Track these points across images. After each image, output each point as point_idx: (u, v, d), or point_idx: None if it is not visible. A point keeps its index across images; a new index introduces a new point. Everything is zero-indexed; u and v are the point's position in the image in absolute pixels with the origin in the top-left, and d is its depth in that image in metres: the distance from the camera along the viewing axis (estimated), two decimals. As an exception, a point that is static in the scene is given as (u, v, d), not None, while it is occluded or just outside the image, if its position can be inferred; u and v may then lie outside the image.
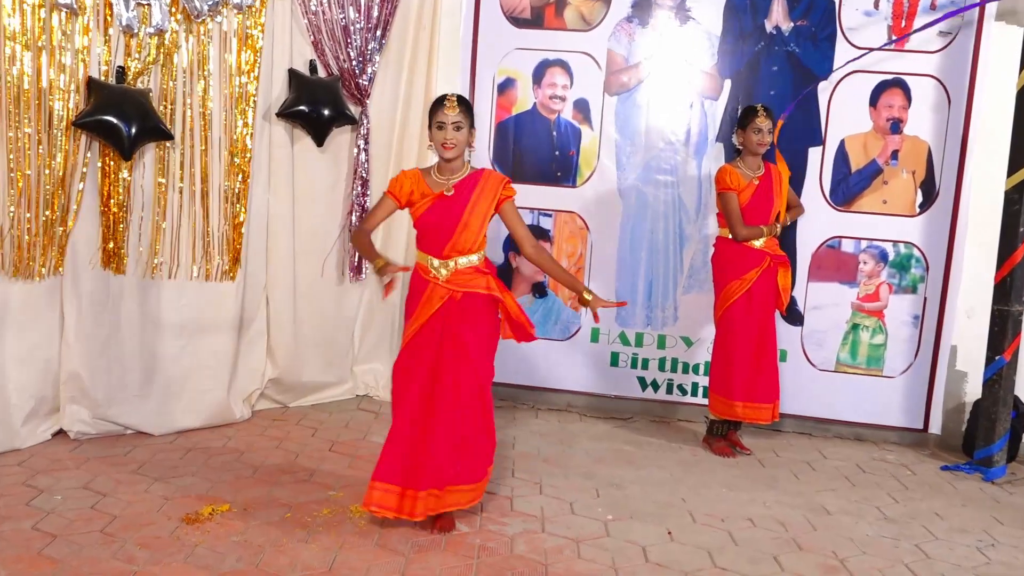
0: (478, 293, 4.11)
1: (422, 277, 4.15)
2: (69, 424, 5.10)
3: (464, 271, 4.11)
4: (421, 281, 4.15)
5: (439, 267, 4.11)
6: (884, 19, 5.80)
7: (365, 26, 5.78)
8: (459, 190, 4.10)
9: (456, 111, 4.03)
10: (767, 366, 5.54)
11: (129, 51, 4.98)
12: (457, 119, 4.03)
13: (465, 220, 4.08)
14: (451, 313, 4.09)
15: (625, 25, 6.04)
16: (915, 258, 5.93)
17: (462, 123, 4.05)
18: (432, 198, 4.10)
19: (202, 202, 5.31)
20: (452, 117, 4.03)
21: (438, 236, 4.10)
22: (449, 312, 4.08)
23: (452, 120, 4.03)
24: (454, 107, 4.03)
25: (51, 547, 3.84)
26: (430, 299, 4.09)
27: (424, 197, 4.11)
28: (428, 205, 4.10)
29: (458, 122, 4.03)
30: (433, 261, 4.11)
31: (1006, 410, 5.56)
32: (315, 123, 5.60)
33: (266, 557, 3.87)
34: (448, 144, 4.04)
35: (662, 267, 6.17)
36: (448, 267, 4.10)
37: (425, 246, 4.15)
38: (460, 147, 4.07)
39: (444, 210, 4.08)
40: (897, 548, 4.39)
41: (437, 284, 4.09)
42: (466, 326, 4.09)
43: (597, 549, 4.16)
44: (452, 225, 4.07)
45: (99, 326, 5.09)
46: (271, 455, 5.11)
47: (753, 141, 5.35)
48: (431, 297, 4.09)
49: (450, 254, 4.09)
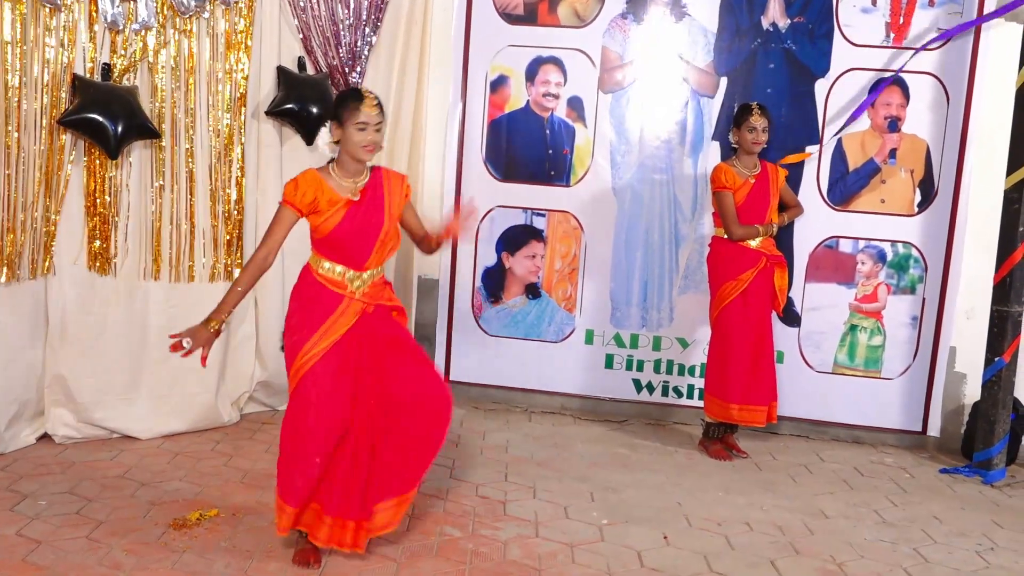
0: (384, 305, 3.84)
1: (327, 289, 3.75)
2: (54, 428, 5.05)
3: (377, 283, 3.82)
4: (326, 293, 3.75)
5: (353, 279, 3.76)
6: (882, 15, 5.76)
7: (355, 22, 5.72)
8: (367, 195, 3.77)
9: (377, 111, 3.68)
10: (764, 368, 5.49)
11: (115, 48, 4.92)
12: (379, 120, 3.69)
13: (387, 228, 3.77)
14: (366, 324, 3.78)
15: (620, 21, 5.99)
16: (914, 258, 5.88)
17: (383, 124, 3.71)
18: (343, 205, 3.71)
19: (189, 202, 5.25)
20: (375, 117, 3.67)
21: (358, 247, 3.75)
22: (364, 324, 3.78)
23: (375, 121, 3.67)
24: (375, 106, 3.67)
25: (35, 553, 3.79)
26: (344, 314, 3.73)
27: (332, 205, 3.70)
28: (342, 214, 3.71)
29: (380, 123, 3.69)
30: (348, 273, 3.75)
31: (1005, 412, 5.53)
32: (304, 121, 5.53)
33: (255, 563, 3.82)
34: (371, 147, 3.68)
35: (657, 267, 6.11)
36: (363, 280, 3.77)
37: (337, 257, 3.75)
38: (379, 149, 3.75)
39: (361, 218, 3.74)
40: (896, 552, 4.36)
41: (353, 299, 3.75)
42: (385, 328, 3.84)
43: (592, 554, 4.12)
44: (374, 234, 3.74)
45: (84, 328, 5.03)
46: (260, 459, 5.05)
47: (748, 140, 5.31)
48: (345, 312, 3.73)
49: (369, 266, 3.77)
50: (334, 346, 3.72)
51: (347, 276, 3.76)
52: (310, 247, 3.85)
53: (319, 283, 3.77)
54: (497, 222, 6.21)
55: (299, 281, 3.84)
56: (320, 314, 3.74)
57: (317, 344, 3.71)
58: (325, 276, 3.77)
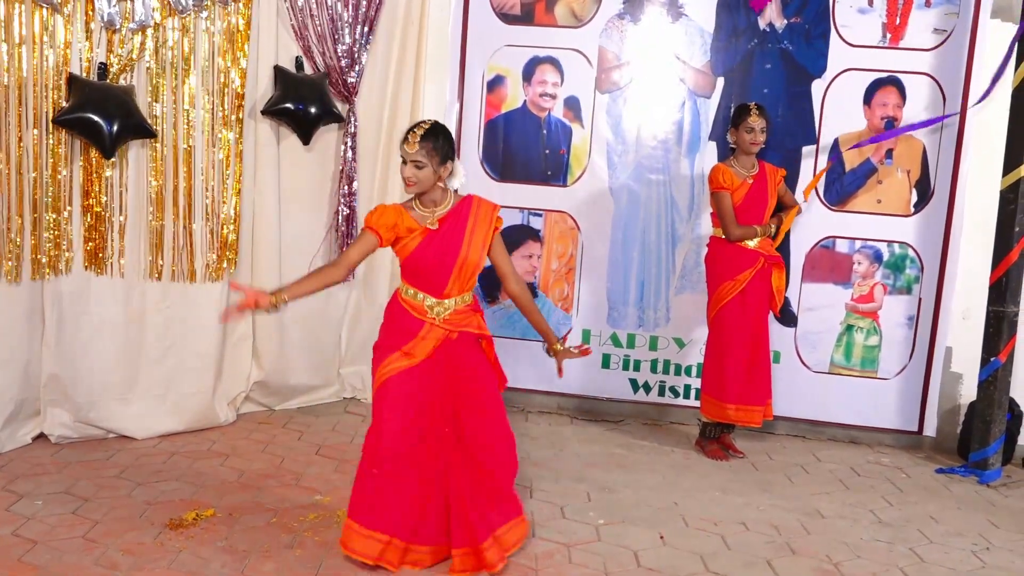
0: (471, 333, 3.86)
1: (409, 314, 3.81)
2: (50, 428, 5.04)
3: (461, 311, 3.83)
4: (409, 318, 3.80)
5: (435, 306, 3.79)
6: (878, 16, 5.75)
7: (352, 22, 5.71)
8: (446, 224, 3.77)
9: (415, 148, 3.62)
10: (760, 368, 5.49)
11: (111, 47, 4.91)
12: (417, 158, 3.63)
13: (464, 256, 3.75)
14: (449, 351, 3.81)
15: (617, 22, 5.98)
16: (910, 258, 5.88)
17: (423, 163, 3.63)
18: (420, 233, 3.74)
19: (186, 201, 5.24)
20: (411, 154, 3.63)
21: (435, 274, 3.77)
22: (446, 351, 3.81)
23: (411, 158, 3.64)
24: (413, 144, 3.62)
25: (31, 553, 3.79)
26: (425, 339, 3.78)
27: (411, 232, 3.74)
28: (418, 241, 3.74)
29: (418, 161, 3.63)
30: (428, 300, 3.79)
31: (1001, 412, 5.53)
32: (301, 121, 5.53)
33: (251, 563, 3.82)
34: (409, 181, 3.67)
35: (654, 267, 6.11)
36: (445, 307, 3.80)
37: (419, 284, 3.80)
38: (423, 185, 3.68)
39: (438, 246, 3.75)
40: (892, 552, 4.36)
41: (434, 325, 3.79)
42: (467, 358, 3.86)
43: (588, 554, 4.12)
44: (450, 262, 3.75)
45: (81, 328, 5.03)
46: (256, 459, 5.05)
47: (746, 140, 5.30)
48: (427, 337, 3.78)
49: (450, 293, 3.79)
50: (414, 367, 3.78)
51: (427, 303, 3.80)
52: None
53: (403, 307, 3.84)
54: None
55: (389, 302, 3.93)
56: (402, 336, 3.81)
57: (396, 362, 3.78)
58: (408, 301, 3.83)
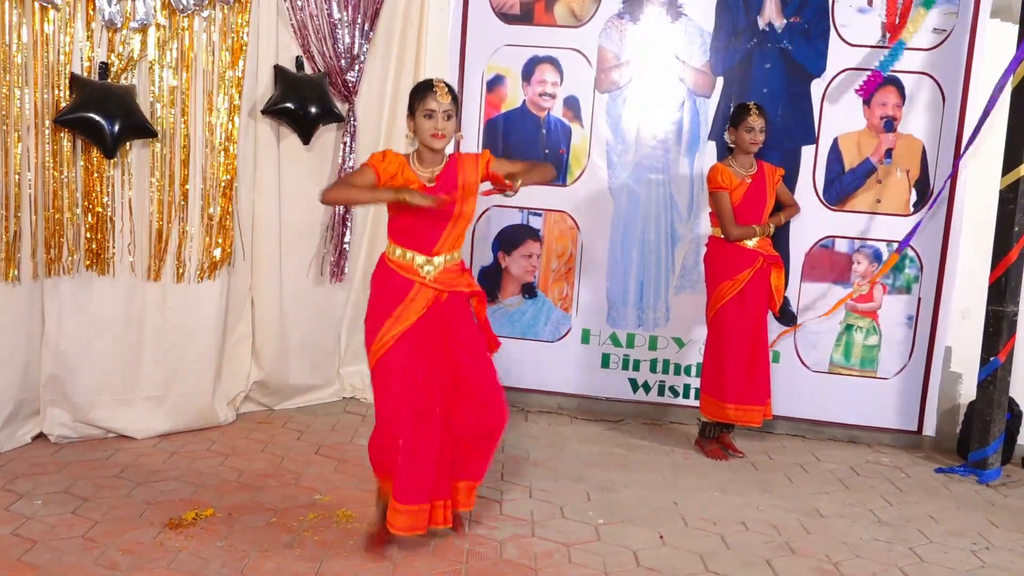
0: (461, 292, 3.94)
1: (399, 275, 3.87)
2: (50, 428, 5.03)
3: (451, 269, 3.91)
4: (398, 279, 3.86)
5: (424, 265, 3.87)
6: (878, 16, 5.75)
7: (352, 22, 5.71)
8: (440, 181, 3.86)
9: (448, 99, 3.77)
10: (759, 368, 5.49)
11: (112, 47, 4.91)
12: (449, 108, 3.78)
13: (458, 211, 3.86)
14: (439, 312, 3.90)
15: (616, 21, 5.99)
16: (909, 258, 5.88)
17: (452, 111, 3.80)
18: (417, 188, 3.79)
19: (187, 201, 5.23)
20: (444, 105, 3.77)
21: (428, 232, 3.85)
22: (437, 312, 3.89)
23: (444, 108, 3.77)
24: (446, 94, 3.77)
25: (31, 553, 3.78)
26: (415, 300, 3.83)
27: (408, 184, 3.80)
28: None
29: (449, 111, 3.78)
30: (417, 258, 3.86)
31: (1001, 412, 5.53)
32: (301, 120, 5.53)
33: (251, 562, 3.81)
34: (440, 134, 3.78)
35: (653, 267, 6.11)
36: (435, 265, 3.87)
37: (408, 242, 3.87)
38: (449, 137, 3.82)
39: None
40: (891, 551, 4.36)
41: (424, 284, 3.85)
42: (457, 320, 3.94)
43: (588, 553, 4.11)
44: (444, 219, 3.84)
45: (81, 328, 5.02)
46: (256, 459, 5.04)
47: (745, 140, 5.30)
48: (416, 299, 3.84)
49: (440, 250, 3.88)
50: (407, 331, 3.82)
51: (417, 261, 3.86)
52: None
53: (391, 269, 3.89)
54: (493, 222, 6.20)
55: (376, 268, 3.97)
56: (392, 300, 3.86)
57: (391, 330, 3.83)
58: (397, 262, 3.89)
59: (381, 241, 6.00)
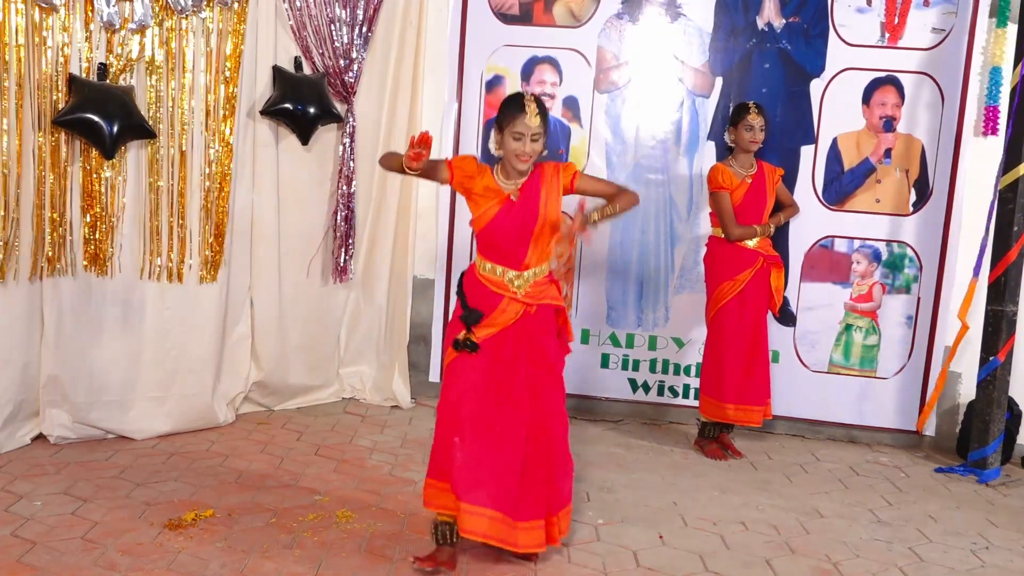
0: (549, 304, 3.82)
1: (487, 289, 3.76)
2: (49, 428, 5.02)
3: (540, 282, 3.80)
4: (487, 293, 3.76)
5: (515, 279, 3.76)
6: (877, 16, 5.76)
7: (350, 22, 5.71)
8: (524, 193, 3.73)
9: (538, 121, 3.61)
10: (759, 368, 5.49)
11: (111, 47, 4.90)
12: (537, 130, 3.61)
13: (541, 225, 3.73)
14: (525, 324, 3.78)
15: (615, 21, 5.98)
16: (908, 258, 5.88)
17: (541, 134, 3.64)
18: (500, 201, 3.71)
19: (186, 202, 5.23)
20: (533, 128, 3.61)
21: (514, 247, 3.74)
22: (524, 324, 3.78)
23: (533, 132, 3.61)
24: (535, 116, 3.60)
25: (30, 554, 3.77)
26: (504, 312, 3.74)
27: (489, 192, 3.71)
28: (497, 209, 3.71)
29: (537, 134, 3.62)
30: (508, 273, 3.76)
31: (1000, 411, 5.53)
32: (300, 121, 5.53)
33: (251, 563, 3.81)
34: (525, 157, 3.65)
35: (653, 267, 6.11)
36: (525, 279, 3.77)
37: (498, 258, 3.76)
38: (535, 158, 3.69)
39: (517, 215, 3.71)
40: (891, 551, 4.36)
41: (514, 299, 3.75)
42: (541, 334, 3.83)
43: (587, 554, 4.11)
44: (528, 230, 3.72)
45: (80, 328, 5.02)
46: (255, 459, 5.04)
47: (745, 139, 5.31)
48: (505, 311, 3.74)
49: (529, 264, 3.76)
50: (487, 341, 3.74)
51: (507, 276, 3.77)
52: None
53: (478, 280, 3.80)
54: (493, 222, 6.19)
55: (465, 276, 3.88)
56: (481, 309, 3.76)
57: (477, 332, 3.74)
58: (487, 277, 3.80)
59: (381, 241, 6.06)
